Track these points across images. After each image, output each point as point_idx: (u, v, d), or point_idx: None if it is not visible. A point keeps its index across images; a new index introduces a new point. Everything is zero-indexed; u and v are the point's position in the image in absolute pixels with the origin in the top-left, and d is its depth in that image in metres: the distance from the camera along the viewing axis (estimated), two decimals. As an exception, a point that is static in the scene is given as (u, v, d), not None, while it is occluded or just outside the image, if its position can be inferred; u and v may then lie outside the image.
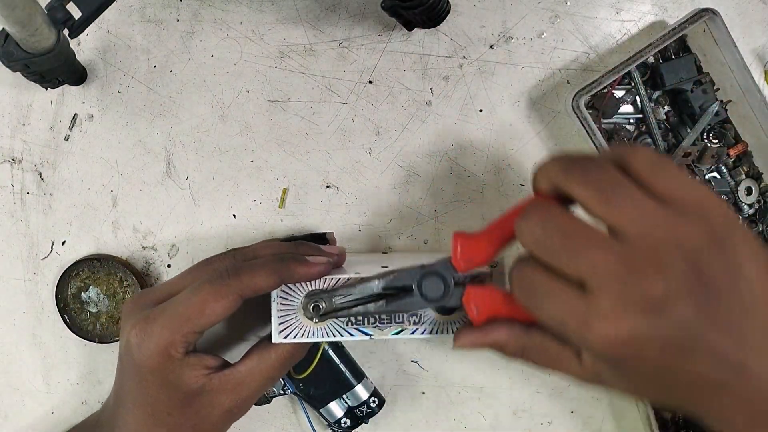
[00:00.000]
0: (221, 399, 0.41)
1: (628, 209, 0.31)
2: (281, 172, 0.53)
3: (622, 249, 0.30)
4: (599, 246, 0.31)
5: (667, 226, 0.30)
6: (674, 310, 0.29)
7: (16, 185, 0.53)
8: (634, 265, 0.30)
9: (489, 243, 0.37)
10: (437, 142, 0.52)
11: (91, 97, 0.52)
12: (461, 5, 0.51)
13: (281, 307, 0.41)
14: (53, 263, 0.53)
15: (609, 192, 0.31)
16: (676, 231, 0.30)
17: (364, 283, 0.40)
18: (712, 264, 0.30)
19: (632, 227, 0.30)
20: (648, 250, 0.30)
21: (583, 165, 0.32)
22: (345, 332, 0.41)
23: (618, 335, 0.30)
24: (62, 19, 0.42)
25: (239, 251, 0.43)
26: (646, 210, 0.31)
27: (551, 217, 0.32)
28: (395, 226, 0.53)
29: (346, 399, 0.51)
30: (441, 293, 0.39)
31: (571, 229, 0.32)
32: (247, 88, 0.52)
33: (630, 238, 0.30)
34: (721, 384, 0.30)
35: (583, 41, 0.52)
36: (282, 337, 0.41)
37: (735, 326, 0.30)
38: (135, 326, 0.40)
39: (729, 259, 0.30)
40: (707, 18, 0.47)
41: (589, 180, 0.32)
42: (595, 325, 0.30)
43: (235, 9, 0.52)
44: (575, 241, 0.31)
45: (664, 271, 0.29)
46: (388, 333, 0.41)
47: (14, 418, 0.54)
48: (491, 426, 0.54)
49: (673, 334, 0.29)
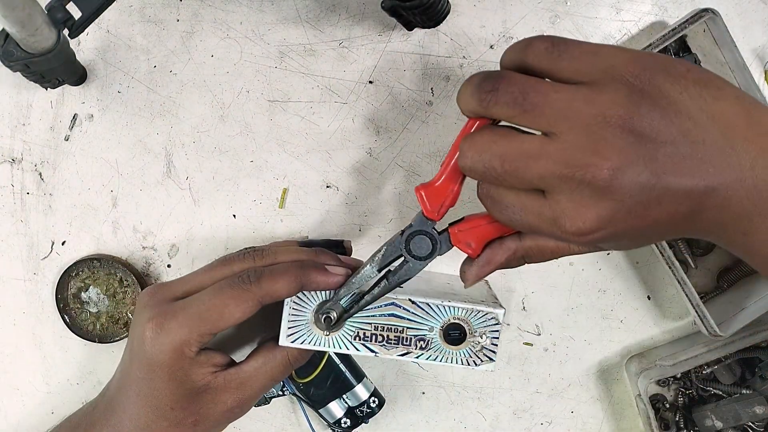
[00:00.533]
0: (224, 397, 0.41)
1: (546, 110, 0.31)
2: (281, 172, 0.53)
3: (558, 147, 0.31)
4: (537, 155, 0.32)
5: (586, 107, 0.31)
6: (626, 180, 0.30)
7: (16, 185, 0.53)
8: (573, 159, 0.31)
9: (450, 182, 0.37)
10: (437, 142, 0.52)
11: (91, 97, 0.52)
12: (461, 5, 0.51)
13: (293, 311, 0.41)
14: (53, 263, 0.53)
15: (522, 102, 0.32)
16: (596, 107, 0.31)
17: (359, 273, 0.40)
18: (643, 119, 0.30)
19: (558, 124, 0.31)
20: (580, 138, 0.31)
21: (490, 86, 0.33)
22: (351, 346, 0.41)
23: (587, 226, 0.31)
24: (62, 19, 0.42)
25: (258, 252, 0.43)
26: (562, 102, 0.31)
27: (483, 147, 0.33)
28: (395, 226, 0.53)
29: (346, 399, 0.51)
30: (430, 247, 0.39)
31: (506, 150, 0.32)
32: (247, 88, 0.52)
33: (560, 134, 0.31)
34: (696, 210, 0.31)
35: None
36: (289, 341, 0.41)
37: (688, 161, 0.30)
38: (152, 319, 0.40)
39: (658, 104, 0.31)
40: (707, 18, 0.47)
41: (500, 99, 0.32)
42: (565, 225, 0.32)
43: (235, 9, 0.52)
44: (514, 162, 0.32)
45: (602, 152, 0.30)
46: (393, 354, 0.41)
47: (14, 418, 0.54)
48: (491, 426, 0.54)
49: (635, 200, 0.31)
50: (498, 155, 0.33)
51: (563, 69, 0.32)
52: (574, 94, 0.31)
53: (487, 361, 0.42)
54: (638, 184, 0.30)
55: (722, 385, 0.51)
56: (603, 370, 0.54)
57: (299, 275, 0.40)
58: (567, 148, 0.31)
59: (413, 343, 0.41)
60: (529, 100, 0.31)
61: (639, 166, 0.30)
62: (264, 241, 0.53)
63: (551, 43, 0.32)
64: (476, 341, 0.41)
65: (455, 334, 0.41)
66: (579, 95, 0.31)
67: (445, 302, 0.41)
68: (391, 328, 0.41)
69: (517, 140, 0.32)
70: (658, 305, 0.53)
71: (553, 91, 0.31)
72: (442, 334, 0.41)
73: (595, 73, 0.31)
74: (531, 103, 0.31)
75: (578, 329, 0.53)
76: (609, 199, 0.31)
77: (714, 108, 0.31)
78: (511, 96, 0.32)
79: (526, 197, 0.33)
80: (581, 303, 0.53)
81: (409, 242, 0.39)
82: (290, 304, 0.41)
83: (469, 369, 0.43)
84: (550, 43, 0.32)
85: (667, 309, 0.53)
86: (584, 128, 0.30)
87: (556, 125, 0.31)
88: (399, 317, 0.41)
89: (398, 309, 0.41)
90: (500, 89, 0.32)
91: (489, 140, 0.33)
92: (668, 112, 0.31)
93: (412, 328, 0.41)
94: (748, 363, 0.51)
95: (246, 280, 0.39)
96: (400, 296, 0.41)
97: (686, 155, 0.30)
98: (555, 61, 0.32)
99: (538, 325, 0.54)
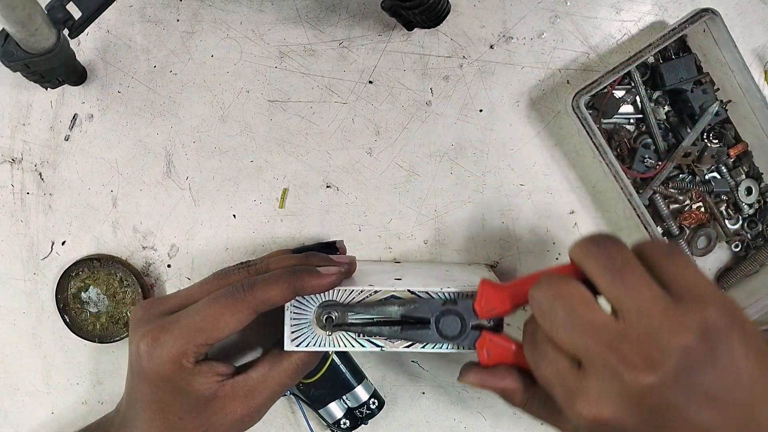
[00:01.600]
0: (233, 406, 0.41)
1: (631, 288, 0.32)
2: (281, 172, 0.53)
3: (620, 331, 0.32)
4: (596, 328, 0.32)
5: (665, 312, 0.31)
6: (660, 399, 0.30)
7: (16, 185, 0.53)
8: (626, 352, 0.31)
9: (512, 297, 0.39)
10: (437, 142, 0.52)
11: (91, 97, 0.52)
12: (461, 5, 0.51)
13: (294, 316, 0.41)
14: (53, 263, 0.53)
15: (617, 269, 0.33)
16: (672, 320, 0.31)
17: (384, 305, 0.40)
18: (700, 361, 0.31)
19: (632, 307, 0.32)
20: (642, 336, 0.31)
21: (600, 243, 0.34)
22: (357, 343, 0.41)
23: (598, 417, 0.32)
24: (62, 19, 0.42)
25: (251, 264, 0.43)
26: (649, 292, 0.32)
27: (560, 291, 0.34)
28: (395, 226, 0.53)
29: (346, 400, 0.51)
30: (457, 333, 0.40)
31: (575, 307, 0.33)
32: (247, 88, 0.52)
33: (628, 318, 0.32)
34: None
35: (583, 41, 0.52)
36: (294, 345, 0.41)
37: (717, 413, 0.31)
38: (146, 335, 0.40)
39: (719, 358, 0.31)
40: (707, 18, 0.47)
41: (600, 256, 0.34)
42: (578, 402, 0.32)
43: (235, 9, 0.52)
44: (575, 319, 0.33)
45: (653, 365, 0.30)
46: (399, 346, 0.41)
47: (14, 418, 0.54)
48: (491, 426, 0.54)
49: (654, 418, 0.31)
50: (569, 307, 0.33)
51: (667, 269, 0.33)
52: (660, 294, 0.32)
53: None
54: (667, 407, 0.30)
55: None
56: (603, 370, 0.54)
57: (292, 281, 0.40)
58: (626, 337, 0.31)
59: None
60: (624, 270, 0.33)
61: (676, 391, 0.30)
62: (264, 241, 0.53)
63: (673, 247, 0.34)
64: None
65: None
66: (663, 297, 0.32)
67: (444, 289, 0.41)
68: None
69: (592, 305, 0.33)
70: (658, 305, 0.53)
71: (646, 279, 0.33)
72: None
73: (689, 291, 0.32)
74: (621, 276, 0.33)
75: (578, 329, 0.53)
76: (633, 405, 0.31)
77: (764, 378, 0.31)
78: (611, 260, 0.33)
79: (562, 357, 0.34)
80: (581, 303, 0.53)
81: (443, 315, 0.40)
82: (290, 308, 0.41)
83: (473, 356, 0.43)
84: (672, 246, 0.34)
85: (667, 309, 0.53)
86: (650, 331, 0.31)
87: (630, 307, 0.32)
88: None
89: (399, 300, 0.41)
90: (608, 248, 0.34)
91: (570, 289, 0.34)
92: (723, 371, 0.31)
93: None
94: (748, 363, 0.51)
95: (240, 289, 0.39)
96: (398, 288, 0.41)
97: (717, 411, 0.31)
98: (663, 260, 0.34)
99: (538, 325, 0.53)
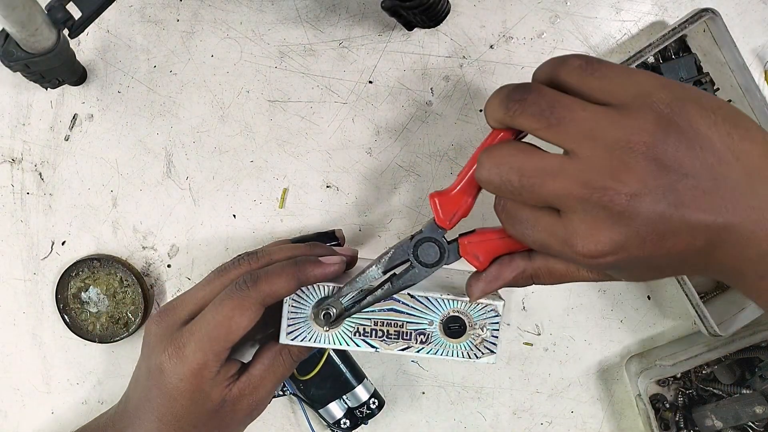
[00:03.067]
0: (242, 404, 0.42)
1: (571, 127, 0.31)
2: (281, 172, 0.53)
3: (578, 167, 0.31)
4: (555, 173, 0.31)
5: (612, 129, 0.30)
6: (643, 208, 0.30)
7: (16, 185, 0.53)
8: (591, 180, 0.30)
9: (464, 193, 0.37)
10: (437, 142, 0.52)
11: (91, 97, 0.52)
12: (461, 5, 0.51)
13: (292, 309, 0.41)
14: (53, 263, 0.53)
15: (548, 116, 0.31)
16: (622, 131, 0.30)
17: (364, 273, 0.40)
18: (668, 149, 0.30)
19: (580, 143, 0.31)
20: (601, 160, 0.30)
21: (519, 96, 0.32)
22: (352, 342, 0.41)
23: (598, 249, 0.31)
24: (62, 19, 0.42)
25: (252, 255, 0.43)
26: (588, 122, 0.31)
27: (501, 159, 0.33)
28: (395, 226, 0.53)
29: (346, 400, 0.51)
30: (438, 255, 0.39)
31: (525, 164, 0.32)
32: (247, 88, 0.52)
33: (581, 154, 0.31)
34: (712, 246, 0.31)
35: (583, 41, 0.52)
36: (289, 339, 0.41)
37: (708, 196, 0.30)
38: (166, 350, 0.40)
39: (685, 136, 0.30)
40: (707, 18, 0.47)
41: (527, 110, 0.32)
42: (576, 245, 0.31)
43: (235, 9, 0.52)
44: (531, 177, 0.32)
45: (622, 177, 0.30)
46: (394, 348, 0.41)
47: (14, 418, 0.54)
48: (491, 426, 0.54)
49: (650, 228, 0.30)
50: (516, 169, 0.32)
51: (594, 88, 0.31)
52: (602, 114, 0.31)
53: (488, 354, 0.42)
54: (655, 213, 0.30)
55: (722, 385, 0.51)
56: (603, 370, 0.54)
57: (295, 271, 0.40)
58: (586, 169, 0.30)
59: (413, 337, 0.41)
60: (555, 114, 0.31)
61: (658, 195, 0.30)
62: (264, 241, 0.53)
63: (585, 61, 0.32)
64: (476, 334, 0.41)
65: (455, 327, 0.41)
66: (606, 116, 0.31)
67: (444, 295, 0.41)
68: (391, 322, 0.41)
69: (537, 156, 0.32)
70: (658, 305, 0.53)
71: (580, 108, 0.31)
72: (442, 328, 0.41)
73: (625, 97, 0.31)
74: (557, 118, 0.31)
75: (578, 329, 0.53)
76: (624, 225, 0.30)
77: (740, 147, 0.30)
78: (538, 108, 0.31)
79: (540, 214, 0.33)
80: (581, 303, 0.53)
81: (418, 248, 0.39)
82: (289, 302, 0.41)
83: (469, 365, 0.43)
84: (585, 61, 0.32)
85: (667, 309, 0.53)
86: (607, 150, 0.30)
87: (579, 144, 0.31)
88: (398, 312, 0.41)
89: (397, 303, 0.41)
90: (528, 100, 0.32)
91: (508, 153, 0.33)
92: (694, 145, 0.30)
93: (411, 322, 0.41)
94: (747, 363, 0.51)
95: (243, 287, 0.40)
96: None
97: (707, 190, 0.30)
98: (587, 79, 0.32)
99: (538, 325, 0.54)
